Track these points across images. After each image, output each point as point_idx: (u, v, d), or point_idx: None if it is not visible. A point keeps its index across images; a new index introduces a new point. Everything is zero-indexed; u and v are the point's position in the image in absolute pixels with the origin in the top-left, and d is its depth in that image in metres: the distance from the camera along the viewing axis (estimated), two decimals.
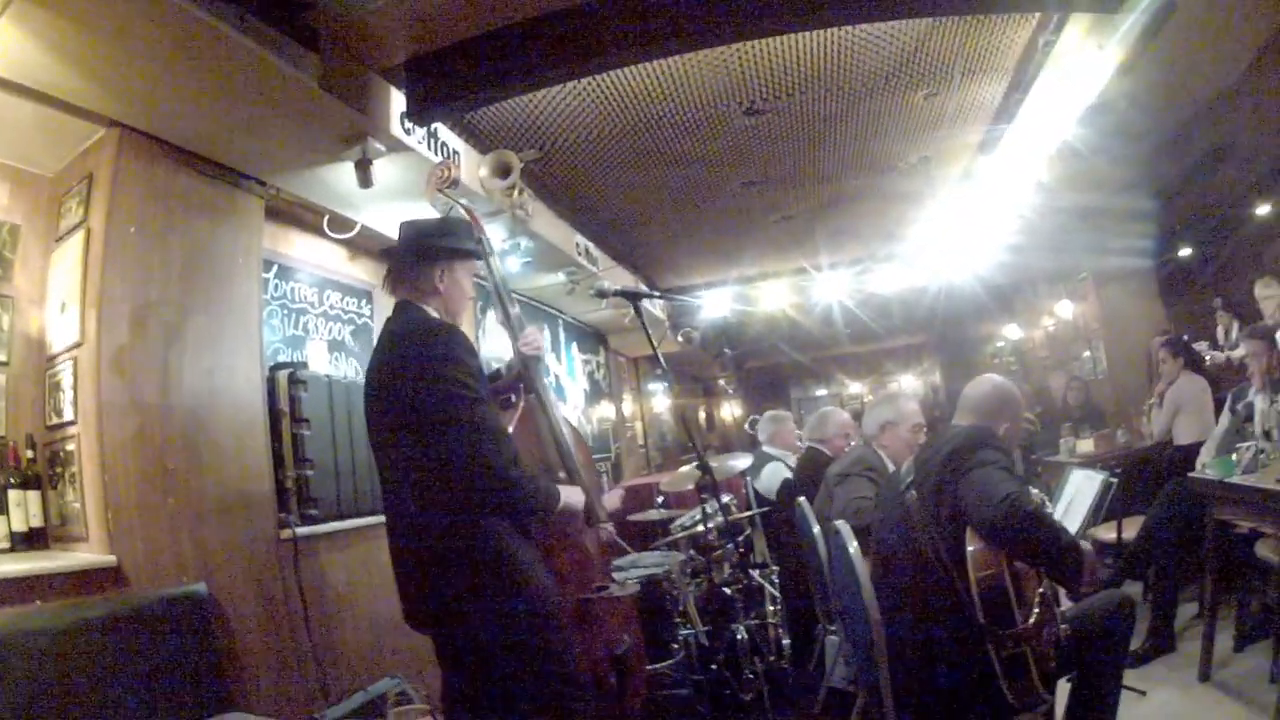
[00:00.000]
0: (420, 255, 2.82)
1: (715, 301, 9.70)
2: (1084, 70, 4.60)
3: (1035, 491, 3.95)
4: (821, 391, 19.63)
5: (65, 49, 2.98)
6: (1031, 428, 8.39)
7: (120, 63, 3.10)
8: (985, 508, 2.56)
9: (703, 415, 17.49)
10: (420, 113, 4.08)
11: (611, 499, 3.17)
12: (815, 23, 4.06)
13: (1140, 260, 9.33)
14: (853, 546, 2.95)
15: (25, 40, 2.89)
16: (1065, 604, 2.96)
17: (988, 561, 2.58)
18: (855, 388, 19.38)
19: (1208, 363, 7.08)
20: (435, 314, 2.78)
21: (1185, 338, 7.29)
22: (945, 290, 10.61)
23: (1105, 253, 9.31)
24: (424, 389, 2.48)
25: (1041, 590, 2.62)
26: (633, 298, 3.52)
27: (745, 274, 9.90)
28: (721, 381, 17.17)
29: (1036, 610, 2.58)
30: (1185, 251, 8.95)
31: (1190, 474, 4.34)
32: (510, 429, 2.82)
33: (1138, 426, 7.50)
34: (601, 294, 3.65)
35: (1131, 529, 5.01)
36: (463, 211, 3.28)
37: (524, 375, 3.16)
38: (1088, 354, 10.64)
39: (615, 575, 3.74)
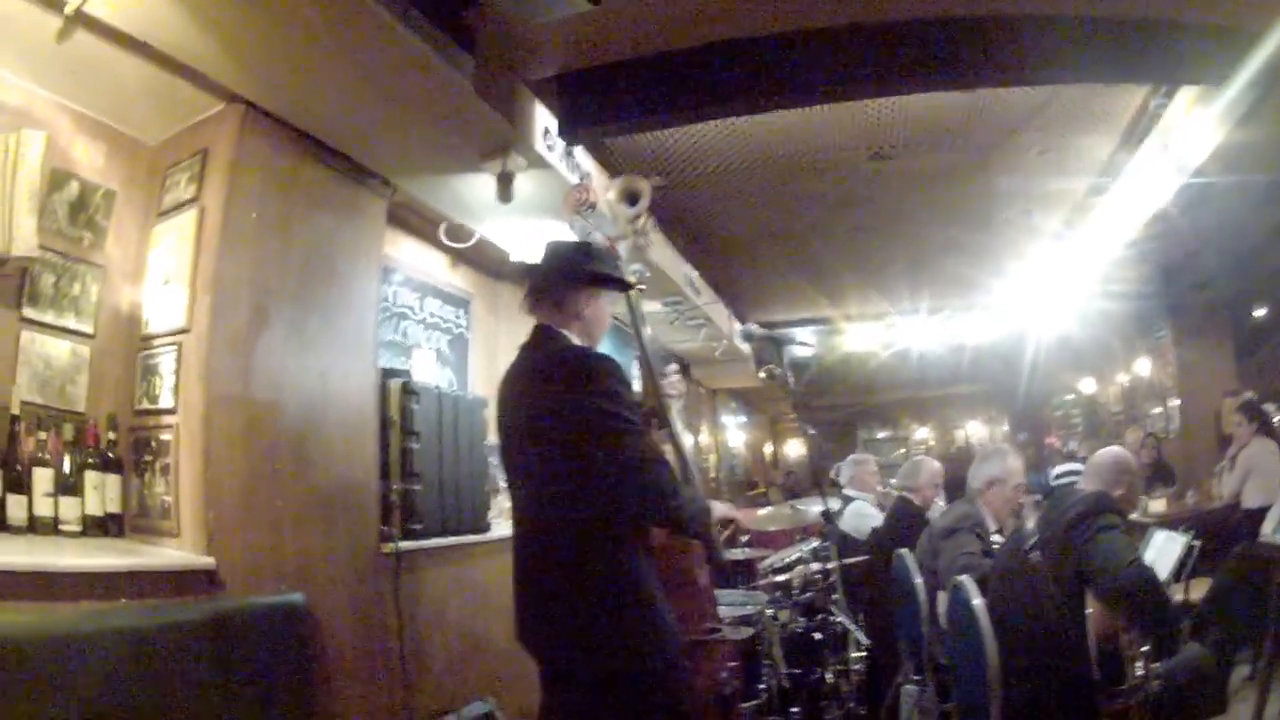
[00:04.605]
0: (569, 277, 2.67)
1: (802, 339, 9.58)
2: (1191, 134, 4.70)
3: None
4: (885, 433, 19.38)
5: (202, 9, 2.73)
6: None
7: (261, 35, 2.89)
8: (1113, 572, 2.83)
9: (769, 450, 17.26)
10: (575, 130, 3.97)
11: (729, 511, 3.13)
12: (959, 84, 4.19)
13: (1218, 317, 9.54)
14: (977, 602, 3.00)
15: None
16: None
17: (1107, 622, 2.89)
18: (921, 432, 19.06)
19: (1277, 424, 7.14)
20: (579, 341, 2.64)
21: (1255, 397, 7.42)
22: (1021, 341, 10.71)
23: (1183, 309, 9.53)
24: (590, 424, 2.38)
25: (1144, 649, 2.94)
26: (775, 343, 3.41)
27: (830, 314, 9.87)
28: (805, 425, 17.04)
29: (1140, 667, 2.91)
30: (1261, 311, 9.35)
31: (1259, 539, 4.55)
32: None
33: (1207, 487, 7.52)
34: (749, 337, 3.55)
35: (1196, 590, 5.03)
36: (601, 238, 3.16)
37: (659, 412, 3.04)
38: (1159, 410, 10.55)
39: None
